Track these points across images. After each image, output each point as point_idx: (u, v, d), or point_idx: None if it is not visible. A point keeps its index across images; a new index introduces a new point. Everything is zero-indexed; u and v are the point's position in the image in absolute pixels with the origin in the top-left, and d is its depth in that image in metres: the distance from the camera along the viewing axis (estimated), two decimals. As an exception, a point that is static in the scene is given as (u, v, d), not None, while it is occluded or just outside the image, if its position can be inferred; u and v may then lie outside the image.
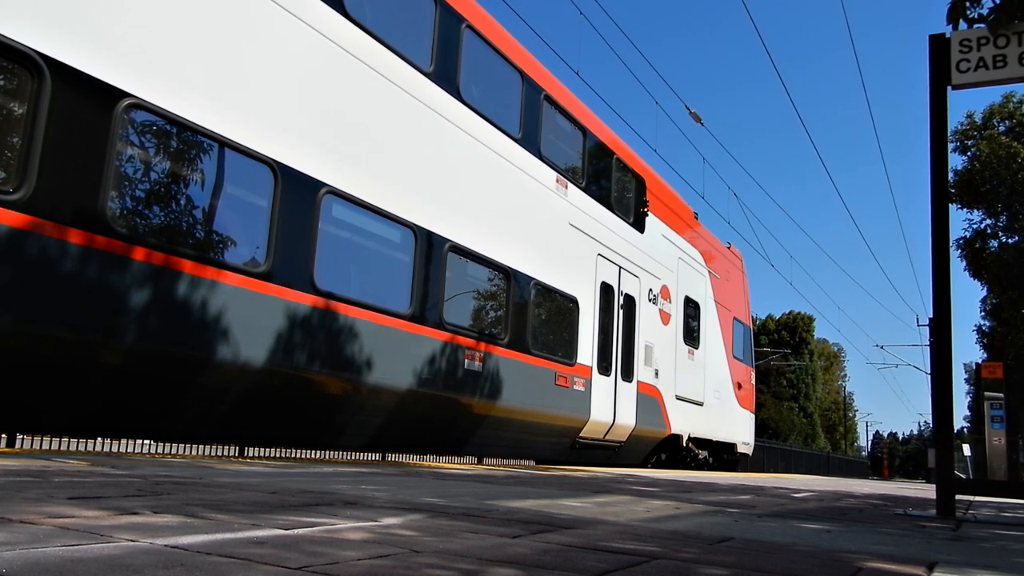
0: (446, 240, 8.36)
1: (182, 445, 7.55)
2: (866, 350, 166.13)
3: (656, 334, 13.30)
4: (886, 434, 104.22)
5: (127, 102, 5.34)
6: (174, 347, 5.66)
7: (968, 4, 4.91)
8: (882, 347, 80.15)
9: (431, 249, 8.17)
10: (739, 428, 17.37)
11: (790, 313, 58.15)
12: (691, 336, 14.95)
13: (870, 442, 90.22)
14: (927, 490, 12.14)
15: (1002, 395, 16.84)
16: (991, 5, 4.86)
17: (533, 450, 10.89)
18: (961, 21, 4.92)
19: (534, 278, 9.89)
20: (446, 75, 8.51)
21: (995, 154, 22.21)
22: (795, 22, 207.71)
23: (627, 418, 12.10)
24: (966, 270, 24.48)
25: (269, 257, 6.30)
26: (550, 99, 10.58)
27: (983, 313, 25.92)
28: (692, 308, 15.06)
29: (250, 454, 7.64)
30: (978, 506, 6.63)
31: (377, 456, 9.15)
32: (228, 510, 2.50)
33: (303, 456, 8.36)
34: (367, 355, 7.24)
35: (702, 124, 16.09)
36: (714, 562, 2.17)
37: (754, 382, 19.25)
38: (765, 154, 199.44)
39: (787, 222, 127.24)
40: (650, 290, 13.16)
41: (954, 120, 25.36)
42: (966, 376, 34.33)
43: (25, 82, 4.87)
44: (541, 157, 10.23)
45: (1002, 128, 23.97)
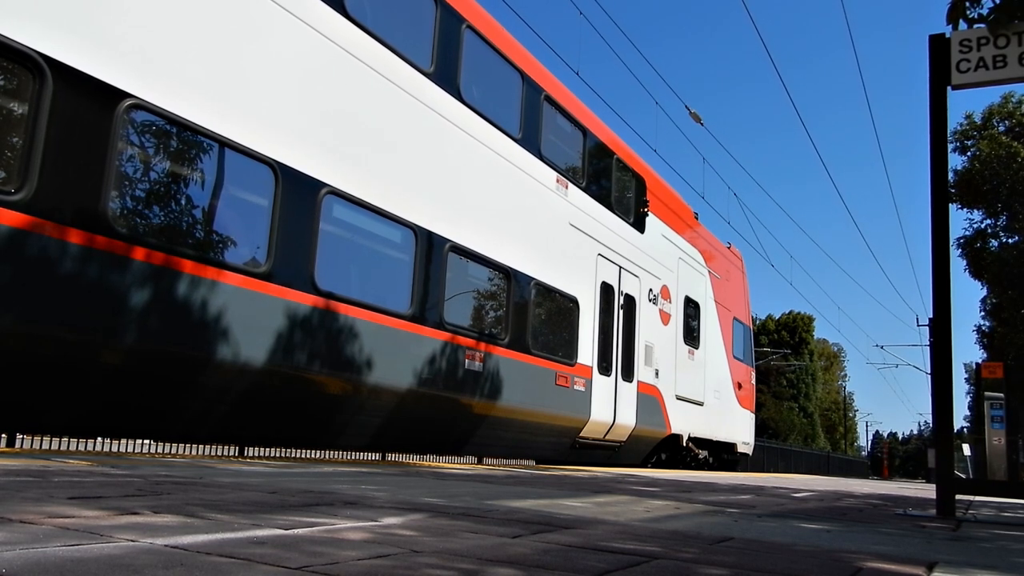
0: (446, 240, 8.36)
1: (182, 445, 7.55)
2: (866, 350, 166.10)
3: (656, 334, 13.28)
4: (886, 434, 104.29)
5: (128, 102, 5.35)
6: (174, 347, 5.65)
7: (968, 4, 4.91)
8: (882, 347, 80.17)
9: (431, 249, 8.16)
10: (739, 428, 17.34)
11: (790, 313, 58.16)
12: (691, 336, 14.92)
13: (870, 442, 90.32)
14: (927, 490, 12.14)
15: (1002, 395, 16.82)
16: (991, 5, 4.86)
17: (533, 450, 10.89)
18: (961, 21, 4.92)
19: (534, 278, 9.89)
20: (446, 75, 8.50)
21: (995, 154, 22.23)
22: (795, 22, 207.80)
23: (627, 418, 12.09)
24: (966, 270, 24.50)
25: (270, 257, 6.30)
26: (550, 99, 10.57)
27: (983, 313, 25.95)
28: (692, 308, 15.04)
29: (250, 454, 7.64)
30: (978, 506, 6.63)
31: (377, 456, 9.15)
32: (228, 510, 2.50)
33: (303, 456, 8.36)
34: (368, 355, 7.24)
35: (702, 124, 16.09)
36: (714, 562, 2.17)
37: (754, 382, 19.24)
38: (765, 154, 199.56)
39: (787, 222, 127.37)
40: (650, 290, 13.15)
41: (954, 120, 25.38)
42: (966, 376, 34.36)
43: (26, 83, 4.86)
44: (541, 157, 10.23)
45: (1002, 128, 23.98)
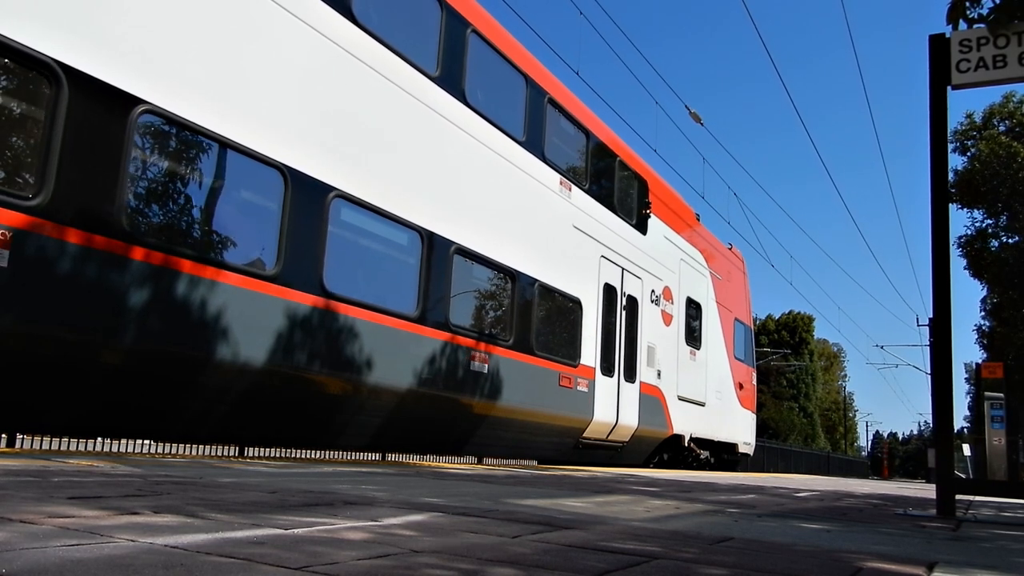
0: (452, 243, 8.41)
1: (182, 445, 7.55)
2: (866, 350, 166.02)
3: (658, 335, 13.33)
4: (886, 434, 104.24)
5: (142, 108, 5.40)
6: (174, 347, 5.65)
7: (968, 4, 4.91)
8: (882, 347, 79.96)
9: (437, 251, 8.21)
10: (740, 428, 17.39)
11: (790, 313, 58.14)
12: (693, 337, 14.97)
13: (870, 442, 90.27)
14: (927, 490, 12.14)
15: (1002, 395, 16.84)
16: (991, 5, 4.86)
17: (537, 450, 10.93)
18: (961, 21, 4.92)
19: (538, 280, 9.95)
20: (452, 79, 8.57)
21: (995, 154, 22.22)
22: (795, 22, 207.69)
23: (630, 418, 12.14)
24: (966, 270, 24.49)
25: (279, 260, 6.34)
26: (553, 102, 10.62)
27: (983, 313, 25.93)
28: (694, 309, 15.09)
29: (250, 454, 7.64)
30: (978, 506, 6.63)
31: (377, 456, 9.15)
32: (228, 510, 2.50)
33: (303, 456, 8.36)
34: (373, 356, 7.28)
35: (702, 124, 16.09)
36: (714, 562, 2.17)
37: (755, 382, 19.29)
38: (765, 154, 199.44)
39: (787, 222, 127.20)
40: (652, 291, 13.21)
41: (954, 120, 25.37)
42: (966, 376, 34.31)
43: (43, 89, 4.92)
44: (545, 160, 10.29)
45: (1002, 128, 23.97)
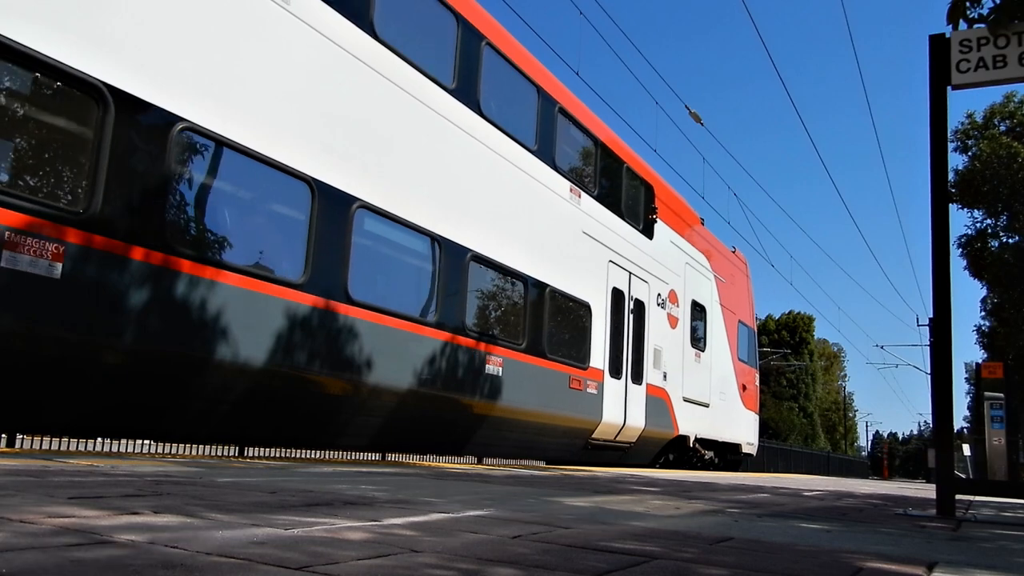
0: (468, 249, 8.65)
1: (182, 445, 7.55)
2: (866, 350, 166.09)
3: (664, 337, 13.59)
4: (886, 434, 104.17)
5: (181, 125, 5.66)
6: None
7: (968, 4, 4.90)
8: (882, 347, 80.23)
9: (454, 259, 8.46)
10: (744, 429, 17.66)
11: (790, 313, 58.09)
12: (697, 339, 15.23)
13: (870, 442, 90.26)
14: (927, 490, 12.14)
15: (1002, 395, 16.83)
16: (991, 5, 4.86)
17: (547, 451, 11.20)
18: (961, 21, 4.92)
19: (550, 285, 10.19)
20: (467, 91, 8.83)
21: (996, 154, 22.18)
22: (795, 22, 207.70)
23: (637, 420, 12.39)
24: (966, 270, 24.43)
25: (307, 269, 6.57)
26: (564, 111, 10.88)
27: (983, 313, 25.89)
28: (699, 312, 15.35)
29: (250, 454, 7.64)
30: (978, 506, 6.62)
31: (376, 456, 9.17)
32: (228, 510, 2.50)
33: (303, 456, 8.36)
34: (394, 361, 7.53)
35: (702, 124, 16.10)
36: (714, 562, 2.17)
37: (758, 384, 19.51)
38: (765, 154, 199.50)
39: (787, 222, 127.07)
40: (659, 295, 13.45)
41: (955, 120, 25.31)
42: (966, 376, 34.32)
43: (91, 109, 5.20)
44: (556, 168, 10.55)
45: (1003, 128, 23.94)
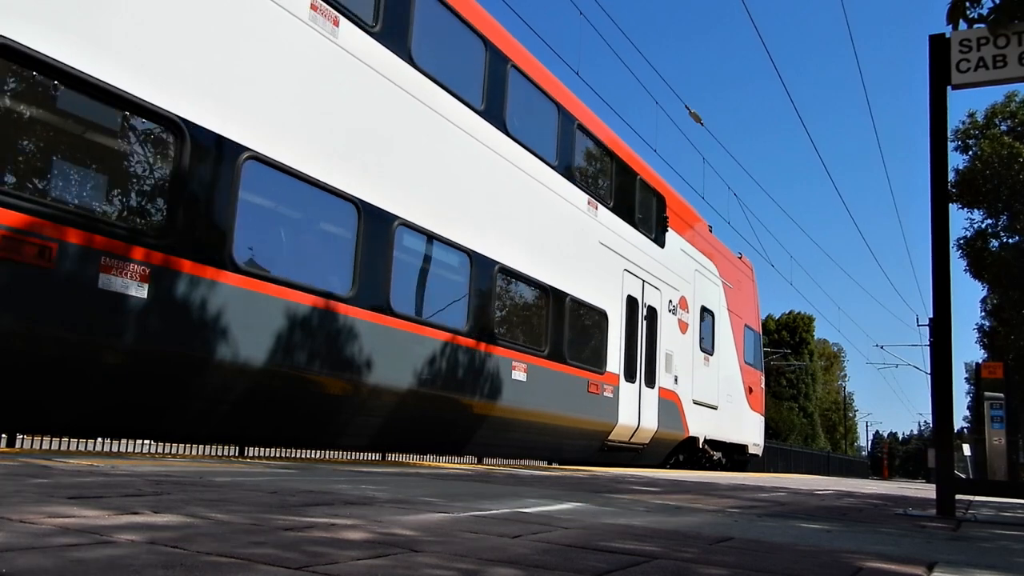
0: (495, 262, 9.06)
1: (183, 445, 7.55)
2: (866, 350, 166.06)
3: (675, 342, 14.00)
4: (886, 434, 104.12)
5: (247, 155, 6.08)
6: (286, 368, 6.34)
7: (968, 4, 4.91)
8: (882, 347, 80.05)
9: (484, 271, 8.88)
10: (750, 430, 18.04)
11: (790, 313, 58.07)
12: (706, 343, 15.62)
13: (870, 442, 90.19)
14: (927, 490, 12.14)
15: (1002, 395, 16.81)
16: (991, 5, 4.86)
17: (567, 452, 11.59)
18: (961, 21, 4.92)
19: (570, 294, 10.60)
20: (495, 112, 9.27)
21: (996, 154, 22.17)
22: (795, 22, 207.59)
23: (650, 422, 12.81)
24: (966, 270, 24.43)
25: (355, 284, 7.02)
26: (582, 127, 11.29)
27: (983, 313, 25.90)
28: (708, 317, 15.73)
29: (250, 454, 7.64)
30: (978, 506, 6.63)
31: (377, 456, 9.18)
32: (228, 510, 2.51)
33: (303, 456, 8.37)
34: (436, 369, 7.99)
35: (702, 124, 16.11)
36: (714, 562, 2.17)
37: (763, 386, 19.90)
38: (765, 154, 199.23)
39: (787, 222, 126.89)
40: (670, 301, 13.88)
41: (955, 119, 25.31)
42: (966, 376, 34.29)
43: (170, 142, 5.63)
44: (575, 182, 10.96)
45: (1003, 128, 23.92)
